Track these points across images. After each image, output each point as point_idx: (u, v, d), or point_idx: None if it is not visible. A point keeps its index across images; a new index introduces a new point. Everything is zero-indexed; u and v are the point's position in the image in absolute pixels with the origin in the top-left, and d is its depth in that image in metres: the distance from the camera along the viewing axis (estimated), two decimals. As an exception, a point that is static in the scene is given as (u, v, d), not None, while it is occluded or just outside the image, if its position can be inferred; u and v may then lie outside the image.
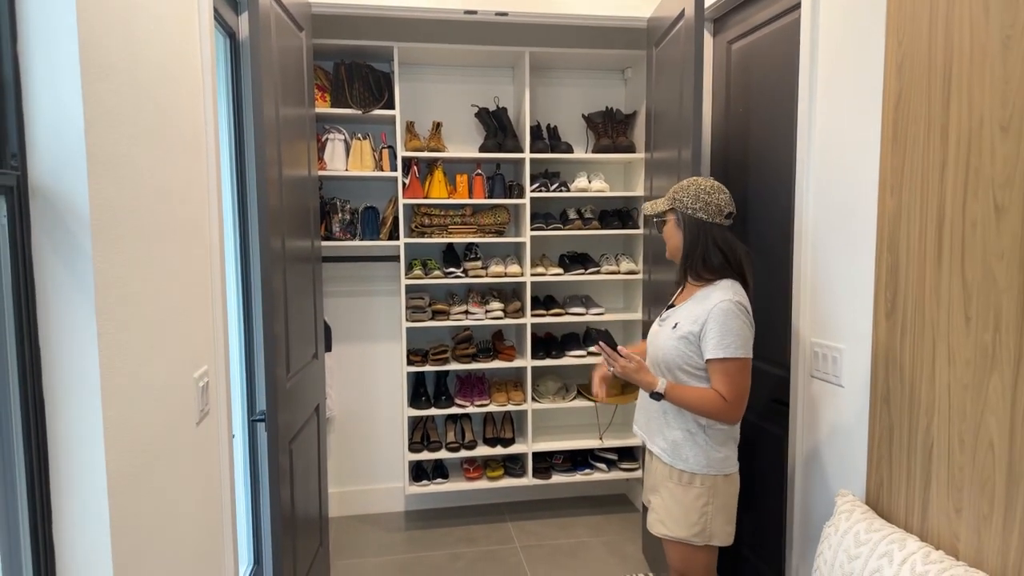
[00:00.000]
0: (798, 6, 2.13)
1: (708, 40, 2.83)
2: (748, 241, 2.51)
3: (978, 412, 1.44)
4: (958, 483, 1.50)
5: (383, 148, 3.25)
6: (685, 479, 1.87)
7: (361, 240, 3.29)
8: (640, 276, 3.42)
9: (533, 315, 3.42)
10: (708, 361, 1.82)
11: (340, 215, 3.24)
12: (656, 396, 1.85)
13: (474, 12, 2.92)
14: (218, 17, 2.23)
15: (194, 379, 1.64)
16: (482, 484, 3.45)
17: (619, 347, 1.86)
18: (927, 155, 1.58)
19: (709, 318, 1.81)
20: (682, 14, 2.48)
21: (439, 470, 3.50)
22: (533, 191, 3.38)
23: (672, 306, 2.00)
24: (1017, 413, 1.35)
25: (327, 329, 3.36)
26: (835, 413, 1.96)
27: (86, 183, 1.08)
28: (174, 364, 1.50)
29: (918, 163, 1.61)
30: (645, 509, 2.13)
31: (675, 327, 1.89)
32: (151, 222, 1.38)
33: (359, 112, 3.16)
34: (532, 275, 3.40)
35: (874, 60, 1.77)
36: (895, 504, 1.70)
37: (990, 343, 1.41)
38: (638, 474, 3.50)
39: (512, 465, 3.55)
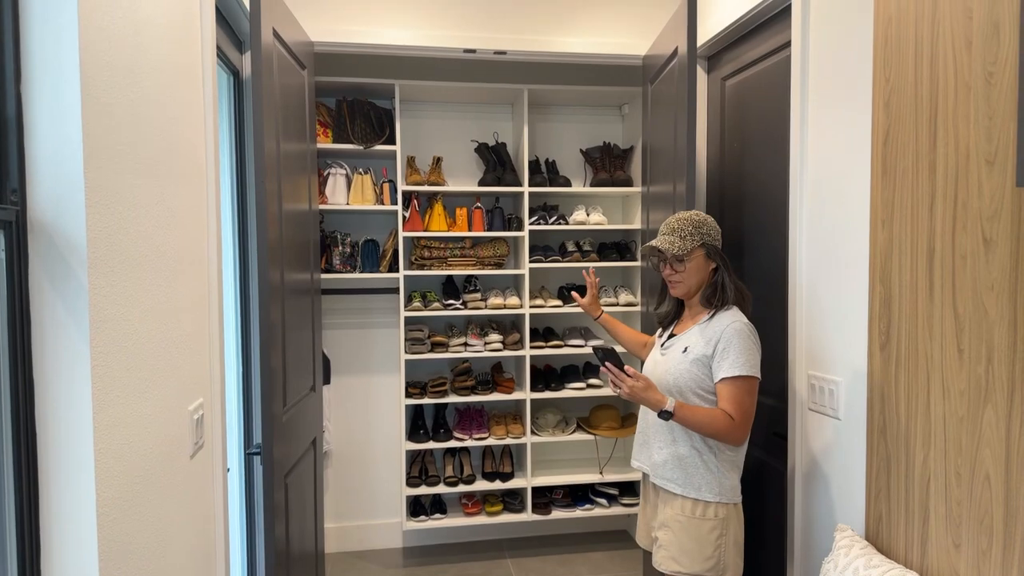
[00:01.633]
0: (789, 44, 2.18)
1: (702, 77, 2.89)
2: (744, 274, 2.53)
3: (973, 445, 1.43)
4: (956, 517, 1.48)
5: (384, 182, 3.30)
6: (699, 511, 1.85)
7: (361, 272, 3.32)
8: (639, 308, 3.43)
9: (532, 347, 3.42)
10: (721, 380, 1.82)
11: (340, 248, 3.27)
12: (665, 415, 1.80)
13: (473, 51, 2.99)
14: (222, 56, 2.28)
15: (189, 412, 1.64)
16: (481, 519, 3.41)
17: (626, 367, 1.82)
18: (916, 189, 1.60)
19: (722, 339, 1.83)
20: (675, 52, 2.53)
21: (437, 505, 3.46)
22: (532, 224, 3.41)
23: (673, 335, 2.01)
24: (1012, 446, 1.34)
25: (326, 361, 3.36)
26: (833, 446, 1.95)
27: (84, 218, 1.10)
28: (169, 397, 1.50)
29: (908, 197, 1.63)
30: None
31: (685, 351, 1.89)
32: (150, 255, 1.40)
33: (360, 147, 3.21)
34: (531, 307, 3.41)
35: (863, 96, 1.81)
36: (894, 539, 1.68)
37: (983, 375, 1.41)
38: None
39: (511, 500, 3.51)
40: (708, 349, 1.85)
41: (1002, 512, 1.37)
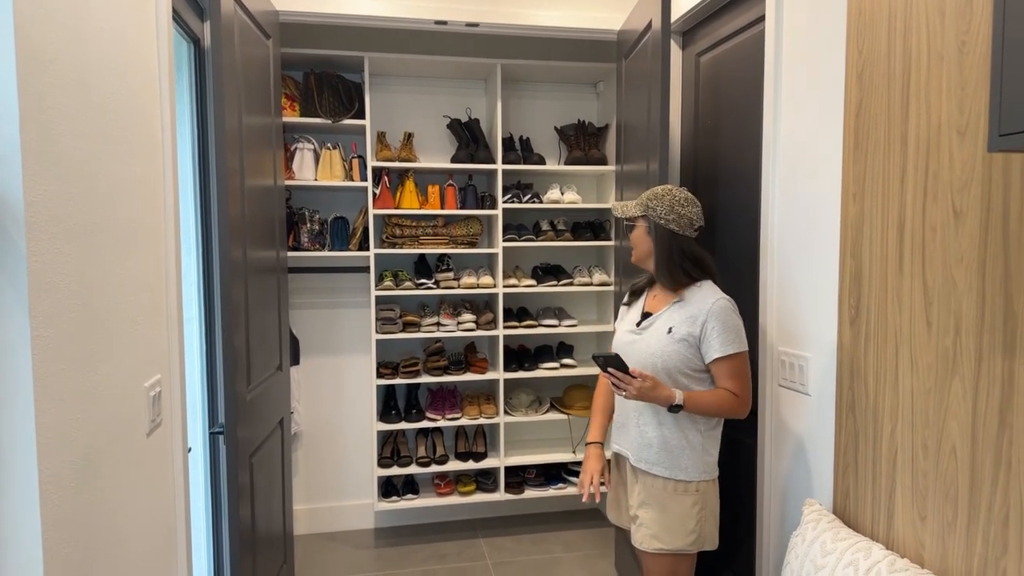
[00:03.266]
0: (763, 18, 2.15)
1: (677, 53, 2.85)
2: (716, 252, 2.51)
3: (940, 417, 1.44)
4: (922, 490, 1.49)
5: (353, 158, 3.23)
6: (681, 488, 1.86)
7: (330, 251, 3.25)
8: (612, 288, 3.41)
9: (506, 327, 3.39)
10: (714, 360, 1.82)
11: (309, 225, 3.20)
12: (675, 409, 1.79)
13: (444, 23, 2.92)
14: (181, 22, 2.19)
15: (144, 388, 1.58)
16: (453, 500, 3.39)
17: (631, 368, 1.76)
18: (888, 161, 1.59)
19: (708, 318, 1.81)
20: (649, 26, 2.49)
21: (409, 486, 3.44)
22: (505, 202, 3.37)
23: (648, 314, 1.95)
24: (978, 417, 1.34)
25: (294, 341, 3.30)
26: (802, 422, 1.95)
27: (21, 179, 1.04)
28: (122, 372, 1.44)
29: (879, 169, 1.62)
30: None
31: (670, 331, 1.85)
32: (100, 224, 1.33)
33: (329, 122, 3.13)
34: (505, 287, 3.38)
35: (836, 69, 1.79)
36: (861, 512, 1.69)
37: (951, 347, 1.41)
38: (611, 488, 3.46)
39: (484, 480, 3.50)
40: (695, 329, 1.83)
41: (967, 483, 1.37)
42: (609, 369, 1.77)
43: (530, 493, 3.46)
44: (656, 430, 1.88)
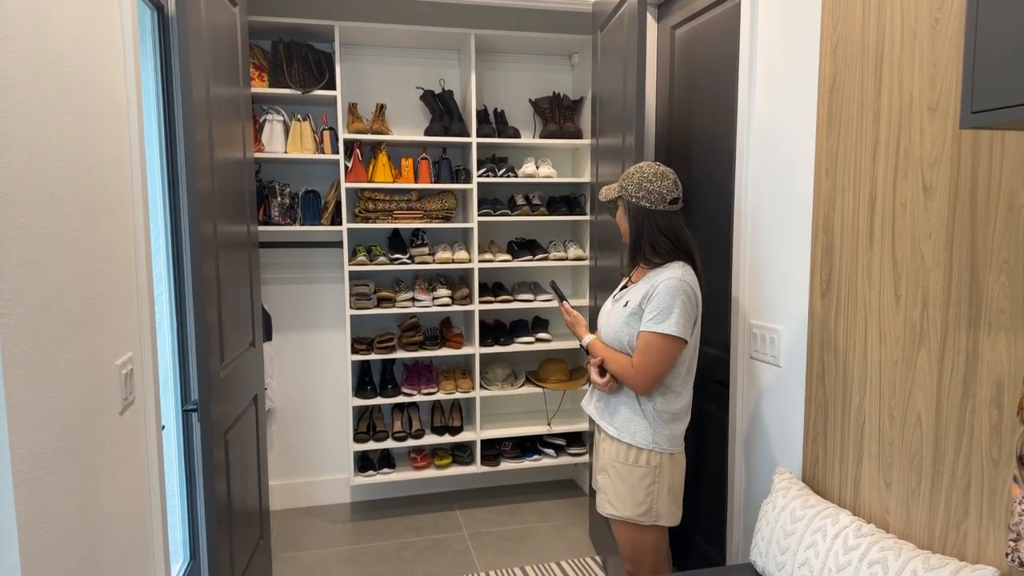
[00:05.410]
0: (739, -9, 2.14)
1: (652, 25, 2.83)
2: (692, 227, 2.53)
3: (907, 388, 1.48)
4: (888, 458, 1.54)
5: (324, 130, 3.16)
6: (632, 457, 1.88)
7: (302, 225, 3.20)
8: (587, 263, 3.42)
9: (481, 302, 3.39)
10: (639, 332, 1.84)
11: (279, 199, 3.14)
12: (584, 349, 2.04)
13: (417, -9, 2.86)
14: (143, -12, 2.12)
15: (116, 366, 1.55)
16: (430, 473, 3.42)
17: (563, 303, 2.16)
18: (860, 137, 1.61)
19: (655, 294, 1.82)
20: (626, -3, 2.46)
21: (386, 460, 3.45)
22: (480, 176, 3.34)
23: (627, 286, 2.01)
24: (943, 388, 1.39)
25: (266, 317, 3.26)
26: (774, 393, 2.00)
27: (-20, 152, 1.00)
28: (92, 350, 1.41)
29: (852, 145, 1.63)
30: (593, 492, 2.14)
31: (626, 305, 1.90)
32: (61, 198, 1.29)
33: (298, 92, 3.06)
34: (480, 262, 3.37)
35: (811, 44, 1.79)
36: (830, 480, 1.74)
37: (918, 320, 1.44)
38: (586, 459, 3.51)
39: (460, 453, 3.52)
40: (643, 302, 1.86)
41: (931, 452, 1.42)
42: (558, 289, 2.24)
43: (506, 465, 3.49)
44: (615, 392, 1.94)
